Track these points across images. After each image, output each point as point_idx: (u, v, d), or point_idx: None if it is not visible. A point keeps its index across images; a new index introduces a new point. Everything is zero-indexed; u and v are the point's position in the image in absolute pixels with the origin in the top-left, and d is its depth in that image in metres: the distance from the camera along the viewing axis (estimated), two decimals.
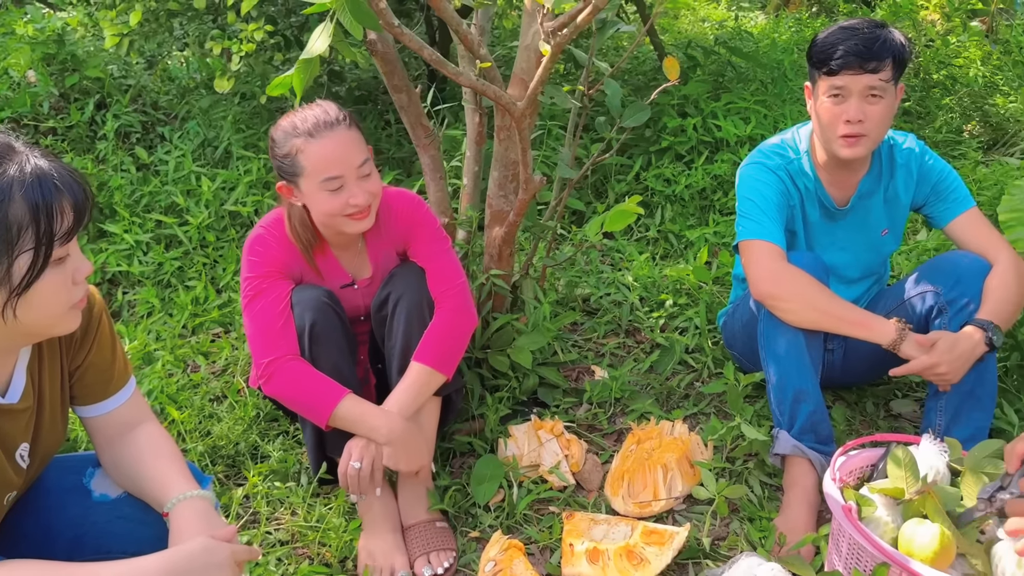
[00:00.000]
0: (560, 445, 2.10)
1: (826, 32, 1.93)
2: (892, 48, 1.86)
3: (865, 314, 1.88)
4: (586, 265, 2.97)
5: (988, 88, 4.44)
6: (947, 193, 2.03)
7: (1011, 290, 1.86)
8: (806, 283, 1.89)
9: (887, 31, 1.88)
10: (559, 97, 2.17)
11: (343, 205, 1.78)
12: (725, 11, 5.92)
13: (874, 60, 1.85)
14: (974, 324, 1.82)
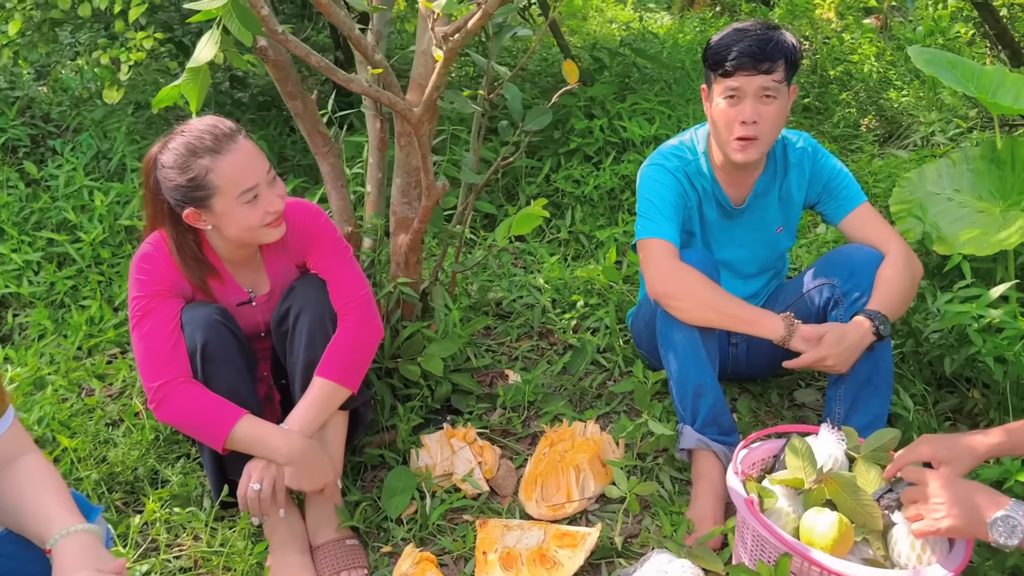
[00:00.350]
0: (473, 452, 2.09)
1: (720, 35, 1.96)
2: (784, 49, 1.91)
3: (755, 311, 1.91)
4: (498, 269, 2.96)
5: (882, 83, 4.63)
6: (838, 191, 2.09)
7: (900, 280, 1.93)
8: (699, 282, 1.92)
9: (779, 33, 1.93)
10: (459, 102, 2.15)
11: (262, 215, 1.73)
12: (632, 12, 6.01)
13: (767, 61, 1.89)
14: (863, 315, 1.88)
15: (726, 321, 1.90)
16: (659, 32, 5.55)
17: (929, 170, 2.55)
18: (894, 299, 1.90)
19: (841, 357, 1.84)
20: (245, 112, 3.81)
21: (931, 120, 3.40)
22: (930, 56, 2.51)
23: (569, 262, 3.11)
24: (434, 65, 2.00)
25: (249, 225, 1.73)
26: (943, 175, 2.51)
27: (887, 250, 2.00)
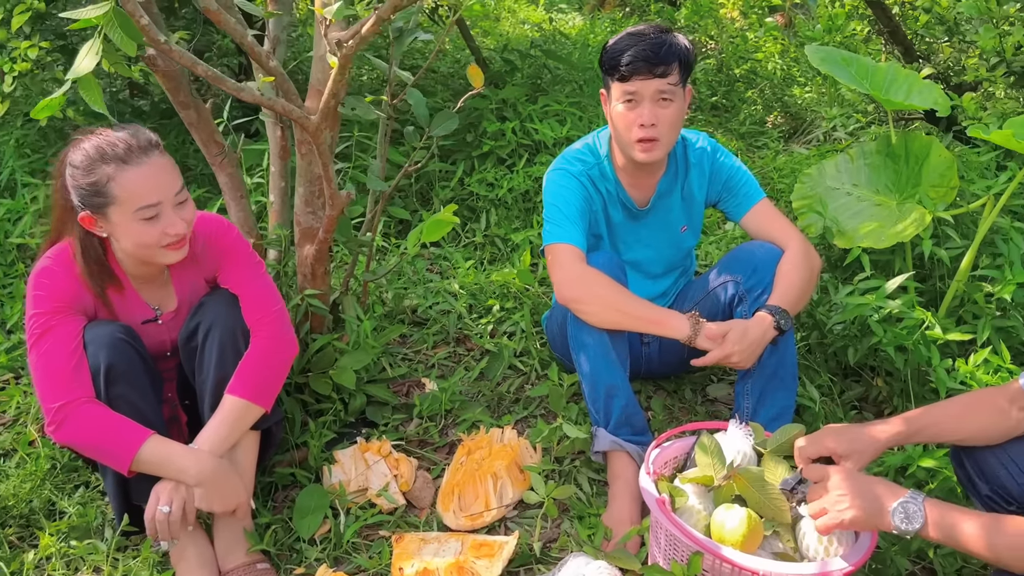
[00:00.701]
0: (388, 465, 2.05)
1: (615, 39, 1.97)
2: (678, 52, 1.93)
3: (661, 312, 1.93)
4: (413, 275, 2.92)
5: (786, 80, 4.75)
6: (738, 188, 2.13)
7: (799, 274, 1.97)
8: (605, 285, 1.93)
9: (672, 36, 1.95)
10: (362, 108, 2.11)
11: (160, 235, 1.66)
12: (544, 13, 6.04)
13: (662, 64, 1.90)
14: (764, 310, 1.91)
15: (633, 323, 1.91)
16: (570, 33, 5.59)
17: (828, 166, 2.62)
18: (793, 293, 1.94)
19: (745, 353, 1.87)
20: (145, 121, 3.67)
21: (832, 116, 3.50)
22: (825, 55, 2.58)
23: (485, 266, 3.10)
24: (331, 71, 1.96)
25: (144, 243, 1.66)
26: (842, 170, 2.58)
27: (786, 245, 2.05)
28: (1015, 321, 2.23)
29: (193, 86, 2.13)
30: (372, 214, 2.36)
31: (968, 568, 1.85)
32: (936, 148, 2.41)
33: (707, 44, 4.78)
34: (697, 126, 4.36)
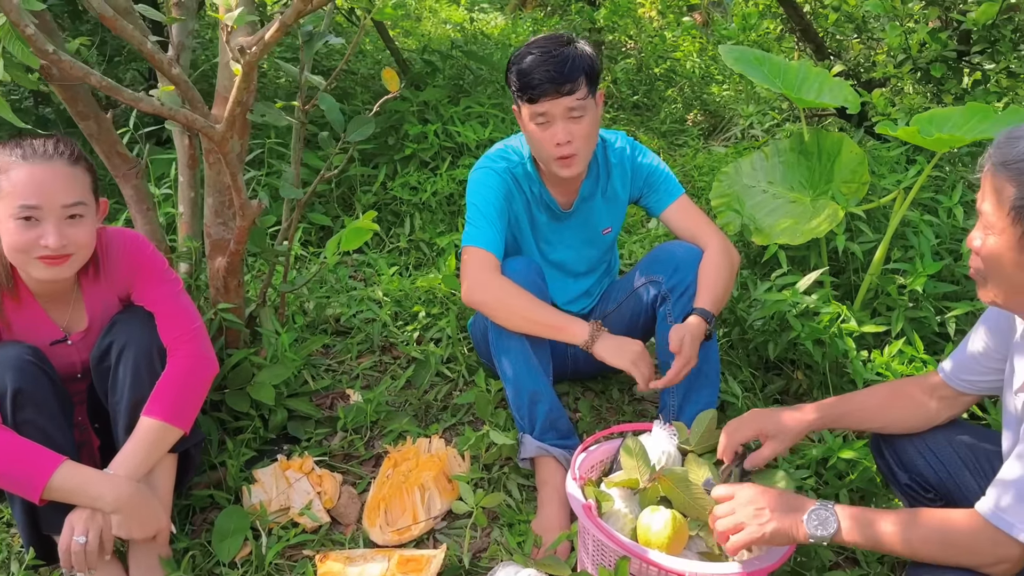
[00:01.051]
0: (311, 482, 2.00)
1: (518, 59, 1.94)
2: (582, 66, 1.92)
3: (563, 319, 1.93)
4: (336, 283, 2.86)
5: (705, 79, 4.83)
6: (658, 185, 2.14)
7: (720, 274, 1.99)
8: (508, 291, 1.92)
9: (574, 49, 1.93)
10: (272, 115, 2.05)
11: (31, 242, 1.57)
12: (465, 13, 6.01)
13: (568, 83, 1.89)
14: (698, 315, 1.92)
15: (536, 328, 1.92)
16: (492, 33, 5.57)
17: (744, 164, 2.66)
18: (717, 294, 1.96)
19: (696, 355, 1.89)
20: (51, 130, 3.51)
21: (749, 113, 3.56)
22: (739, 54, 2.61)
23: (410, 271, 3.05)
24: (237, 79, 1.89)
25: (16, 246, 1.58)
26: (757, 168, 2.62)
27: (705, 242, 2.07)
28: (927, 312, 2.30)
29: (98, 94, 2.04)
30: (288, 223, 2.29)
31: (888, 556, 1.90)
32: (847, 145, 2.47)
33: (626, 44, 4.82)
34: (619, 125, 4.40)
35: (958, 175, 2.73)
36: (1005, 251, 1.27)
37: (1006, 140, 1.26)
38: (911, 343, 2.20)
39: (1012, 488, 1.22)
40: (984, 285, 1.35)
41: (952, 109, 2.23)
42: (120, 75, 3.99)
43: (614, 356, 1.88)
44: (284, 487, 1.98)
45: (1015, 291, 1.30)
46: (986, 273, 1.32)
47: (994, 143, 1.29)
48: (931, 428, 1.66)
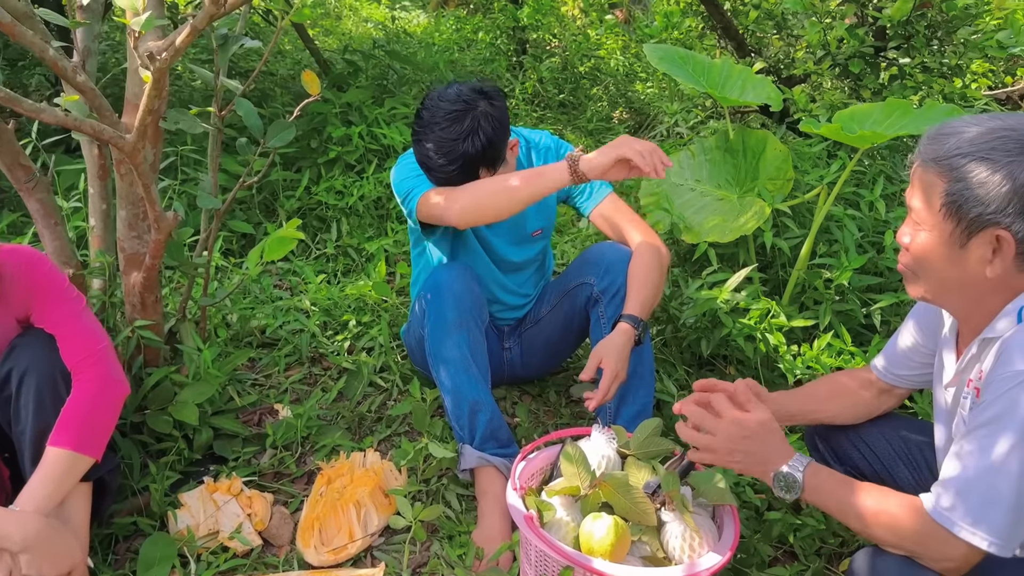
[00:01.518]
0: (240, 504, 1.92)
1: (417, 132, 1.93)
2: (478, 162, 1.91)
3: (537, 174, 1.86)
4: (260, 294, 2.76)
5: (629, 76, 4.86)
6: (585, 185, 2.13)
7: (650, 276, 1.99)
8: (480, 184, 1.89)
9: (471, 143, 1.88)
10: (186, 122, 1.95)
11: None
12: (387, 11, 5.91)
13: (465, 178, 1.91)
14: (626, 322, 1.91)
15: (520, 193, 1.84)
16: (415, 32, 5.50)
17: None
18: (647, 296, 1.96)
19: (624, 366, 1.88)
20: None
21: (673, 111, 3.59)
22: (663, 53, 2.62)
23: (339, 278, 2.97)
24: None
25: None
26: (684, 166, 2.63)
27: (634, 241, 2.06)
28: (853, 304, 2.35)
29: None
30: (207, 233, 2.20)
31: (826, 548, 1.92)
32: (771, 142, 2.50)
33: (551, 42, 4.81)
34: (546, 124, 4.39)
35: (878, 169, 2.80)
36: (936, 247, 1.28)
37: (936, 136, 1.27)
38: (839, 336, 2.24)
39: (952, 486, 1.23)
40: (914, 281, 1.37)
41: (872, 105, 2.27)
42: (25, 80, 3.79)
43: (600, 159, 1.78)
44: (212, 510, 1.90)
45: (944, 287, 1.32)
46: (916, 269, 1.34)
47: (924, 139, 1.30)
48: (868, 420, 1.68)
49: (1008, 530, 1.20)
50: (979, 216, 1.22)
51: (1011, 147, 1.20)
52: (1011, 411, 1.18)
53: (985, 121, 1.25)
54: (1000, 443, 1.19)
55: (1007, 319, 1.26)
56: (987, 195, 1.20)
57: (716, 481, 1.69)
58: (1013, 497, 1.18)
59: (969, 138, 1.23)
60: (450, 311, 1.95)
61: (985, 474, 1.20)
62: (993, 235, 1.22)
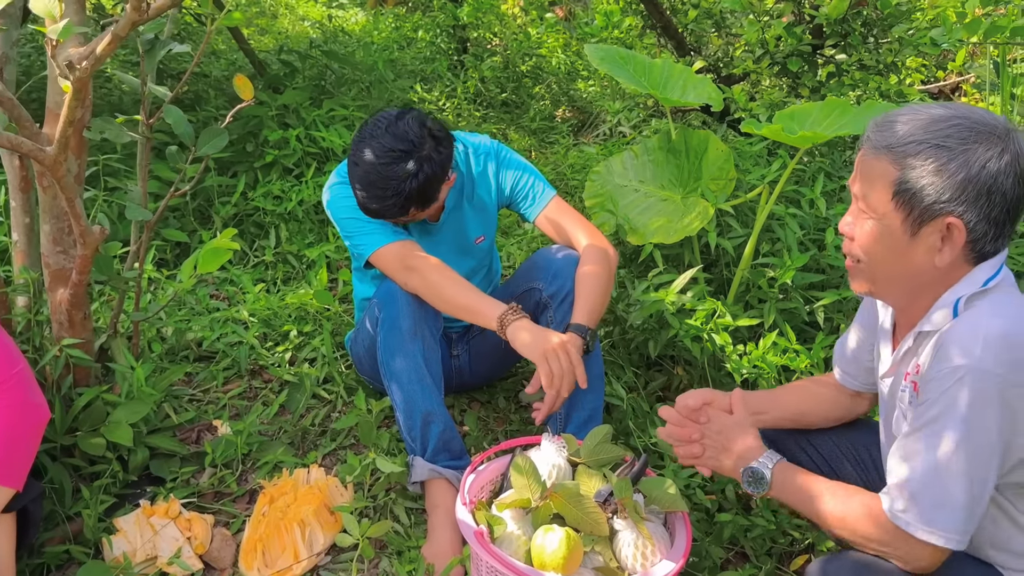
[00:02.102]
0: (179, 527, 1.84)
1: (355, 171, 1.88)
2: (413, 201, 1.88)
3: (479, 301, 1.88)
4: (196, 305, 2.67)
5: (571, 75, 4.85)
6: (527, 190, 2.10)
7: (598, 282, 1.96)
8: (436, 271, 1.90)
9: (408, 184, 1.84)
10: (112, 131, 1.87)
11: None
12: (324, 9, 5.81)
13: (404, 211, 1.90)
14: (573, 331, 1.88)
15: (456, 312, 1.90)
16: (353, 30, 5.41)
17: (615, 162, 2.66)
18: (594, 303, 1.93)
19: (569, 377, 1.83)
20: None
21: (616, 110, 3.59)
22: (604, 54, 2.61)
23: (279, 286, 2.89)
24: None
25: None
26: (628, 167, 2.63)
27: (581, 244, 2.04)
28: (797, 303, 2.37)
29: None
30: (137, 245, 2.11)
31: (777, 547, 1.93)
32: (713, 142, 2.51)
33: (491, 41, 4.78)
34: (489, 124, 4.35)
35: (817, 166, 2.83)
36: (884, 236, 1.27)
37: (886, 124, 1.26)
38: (783, 334, 2.26)
39: (904, 490, 1.24)
40: (858, 274, 1.35)
41: (811, 104, 2.29)
42: None
43: (525, 347, 1.80)
44: (149, 535, 1.82)
45: (890, 277, 1.31)
46: (862, 258, 1.32)
47: (872, 127, 1.28)
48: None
49: (963, 526, 1.21)
50: (932, 204, 1.21)
51: (965, 135, 1.20)
52: (952, 408, 1.18)
53: (934, 109, 1.24)
54: (944, 442, 1.19)
55: (943, 311, 1.27)
56: (941, 183, 1.20)
57: (667, 487, 1.68)
58: (964, 494, 1.19)
59: (922, 125, 1.22)
60: (404, 320, 1.91)
61: (934, 475, 1.20)
62: (944, 223, 1.22)
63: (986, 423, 1.17)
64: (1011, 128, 1.22)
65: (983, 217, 1.21)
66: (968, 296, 1.24)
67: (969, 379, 1.17)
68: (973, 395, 1.16)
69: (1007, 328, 1.18)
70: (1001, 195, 1.20)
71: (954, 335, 1.21)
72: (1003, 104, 3.33)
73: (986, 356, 1.16)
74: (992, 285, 1.25)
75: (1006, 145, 1.20)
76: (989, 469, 1.19)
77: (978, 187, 1.19)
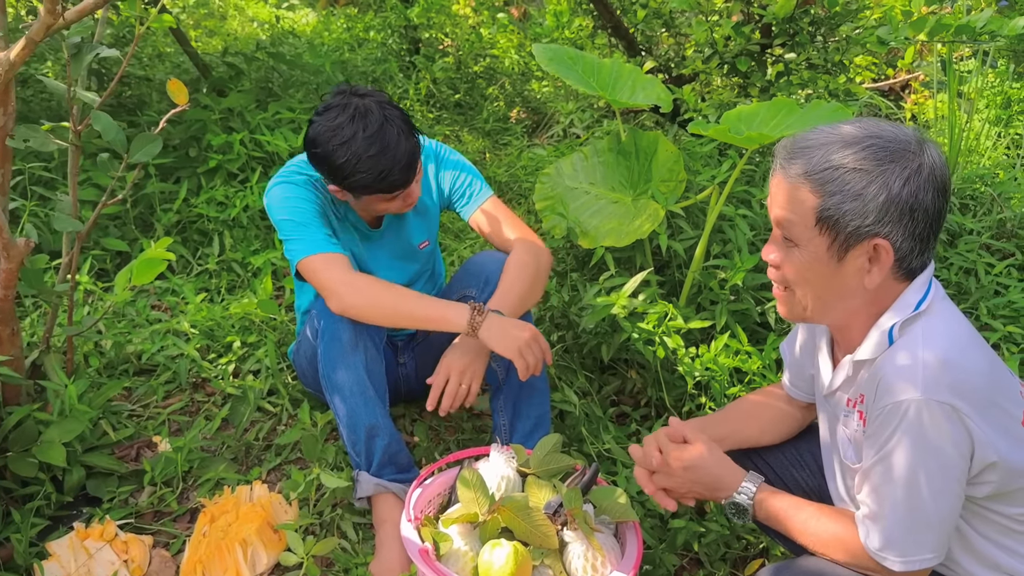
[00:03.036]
0: (116, 550, 1.77)
1: (347, 157, 1.75)
2: (417, 153, 1.83)
3: (441, 308, 1.83)
4: (136, 316, 2.58)
5: (524, 75, 4.81)
6: (464, 189, 2.07)
7: (522, 273, 1.94)
8: (379, 288, 1.82)
9: (406, 140, 1.79)
10: (37, 139, 1.79)
11: None
12: (272, 10, 5.70)
13: (413, 173, 1.83)
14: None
15: (416, 323, 1.84)
16: (304, 31, 5.31)
17: (565, 164, 2.62)
18: (515, 294, 1.90)
19: (468, 373, 1.84)
20: None
21: (568, 111, 3.56)
22: (553, 54, 2.57)
23: (223, 296, 2.81)
24: None
25: None
26: (578, 169, 2.60)
27: (512, 245, 2.01)
28: (748, 304, 2.36)
29: None
30: (69, 257, 2.02)
31: (731, 553, 1.92)
32: (663, 143, 2.49)
33: (443, 41, 4.72)
34: (442, 126, 4.30)
35: (767, 166, 2.83)
36: (812, 263, 1.26)
37: (800, 150, 1.24)
38: (735, 336, 2.24)
39: (876, 528, 1.25)
40: (789, 301, 1.33)
41: (758, 105, 2.28)
42: None
43: (499, 343, 1.78)
44: (84, 559, 1.75)
45: (823, 303, 1.30)
46: (792, 287, 1.31)
47: (784, 152, 1.26)
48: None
49: (939, 545, 1.23)
50: (857, 229, 1.20)
51: (881, 155, 1.19)
52: (906, 439, 1.19)
53: (844, 129, 1.23)
54: (907, 472, 1.20)
55: (878, 339, 1.27)
56: (864, 207, 1.19)
57: (617, 496, 1.65)
58: (934, 518, 1.21)
59: (836, 150, 1.20)
60: (344, 331, 1.85)
61: (902, 509, 1.22)
62: (871, 245, 1.21)
63: (942, 445, 1.17)
64: (924, 140, 1.22)
65: (908, 235, 1.21)
66: (901, 323, 1.24)
67: (914, 410, 1.17)
68: (924, 424, 1.17)
69: (943, 354, 1.19)
70: (923, 211, 1.20)
71: (893, 368, 1.21)
72: (950, 101, 3.37)
73: (929, 386, 1.17)
74: (924, 307, 1.24)
75: (922, 160, 1.19)
76: (955, 485, 1.21)
77: (900, 207, 1.18)
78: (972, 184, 3.23)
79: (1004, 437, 1.21)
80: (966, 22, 2.67)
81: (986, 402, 1.19)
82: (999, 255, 2.83)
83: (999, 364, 1.27)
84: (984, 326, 2.52)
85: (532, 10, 6.00)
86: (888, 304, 1.27)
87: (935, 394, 1.16)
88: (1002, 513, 1.27)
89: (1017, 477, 1.24)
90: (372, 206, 1.89)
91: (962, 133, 3.40)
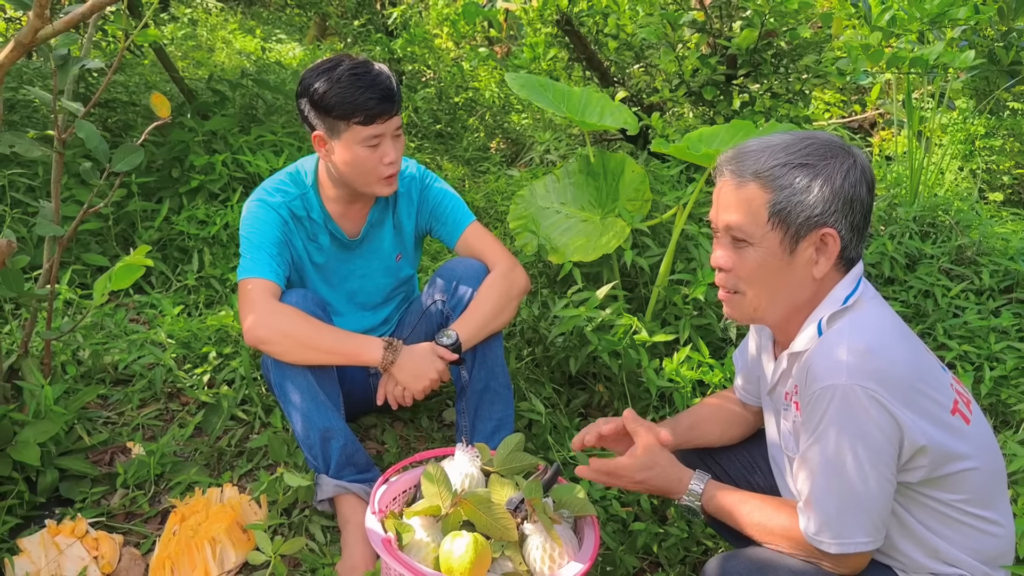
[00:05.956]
0: (86, 546, 1.80)
1: (331, 82, 1.84)
2: (398, 85, 1.93)
3: (353, 342, 1.88)
4: (114, 328, 2.63)
5: (505, 108, 4.94)
6: (447, 216, 2.12)
7: (492, 294, 2.00)
8: (294, 320, 1.85)
9: (386, 70, 1.91)
10: (22, 146, 1.85)
11: None
12: (259, 43, 5.83)
13: (396, 103, 1.89)
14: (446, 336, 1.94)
15: (327, 357, 1.86)
16: (291, 63, 5.43)
17: (539, 186, 2.72)
18: (479, 315, 1.97)
19: (412, 379, 1.89)
20: None
21: (545, 139, 3.67)
22: (524, 81, 2.68)
23: (200, 310, 2.86)
24: None
25: None
26: (550, 190, 2.69)
27: (492, 267, 2.07)
28: (710, 318, 2.43)
29: None
30: (49, 263, 2.08)
31: (691, 556, 1.97)
32: (629, 164, 2.58)
33: (426, 73, 4.85)
34: (423, 154, 4.40)
35: None
36: (766, 258, 1.33)
37: (745, 153, 1.35)
38: (698, 349, 2.32)
39: (812, 513, 1.31)
40: (738, 304, 1.40)
41: (719, 127, 2.39)
42: None
43: (408, 385, 1.89)
44: (54, 555, 1.78)
45: (774, 298, 1.36)
46: (745, 286, 1.37)
47: (729, 159, 1.36)
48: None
49: (873, 529, 1.29)
50: (807, 219, 1.29)
51: (821, 152, 1.30)
52: (833, 424, 1.26)
53: (780, 137, 1.35)
54: (836, 457, 1.27)
55: (809, 331, 1.35)
56: (812, 199, 1.28)
57: (576, 492, 1.70)
58: (865, 499, 1.27)
59: (781, 149, 1.31)
60: None
61: (834, 491, 1.28)
62: (819, 235, 1.30)
63: (869, 428, 1.24)
64: (849, 144, 1.35)
65: (849, 225, 1.31)
66: (830, 316, 1.32)
67: (840, 395, 1.25)
68: (849, 408, 1.24)
69: (866, 344, 1.26)
70: (860, 203, 1.31)
71: (820, 357, 1.29)
72: (909, 139, 3.51)
73: (853, 372, 1.24)
74: (852, 302, 1.33)
75: (854, 158, 1.32)
76: (884, 468, 1.26)
77: (842, 198, 1.29)
78: (933, 212, 3.35)
79: (932, 424, 1.27)
80: (920, 55, 2.80)
81: (909, 390, 1.26)
82: (957, 280, 2.93)
83: (927, 357, 1.35)
84: (941, 346, 2.61)
85: (516, 49, 6.17)
86: (823, 299, 1.35)
87: (858, 380, 1.24)
88: (939, 500, 1.33)
89: (948, 462, 1.30)
90: (356, 159, 1.90)
91: (921, 168, 3.52)
